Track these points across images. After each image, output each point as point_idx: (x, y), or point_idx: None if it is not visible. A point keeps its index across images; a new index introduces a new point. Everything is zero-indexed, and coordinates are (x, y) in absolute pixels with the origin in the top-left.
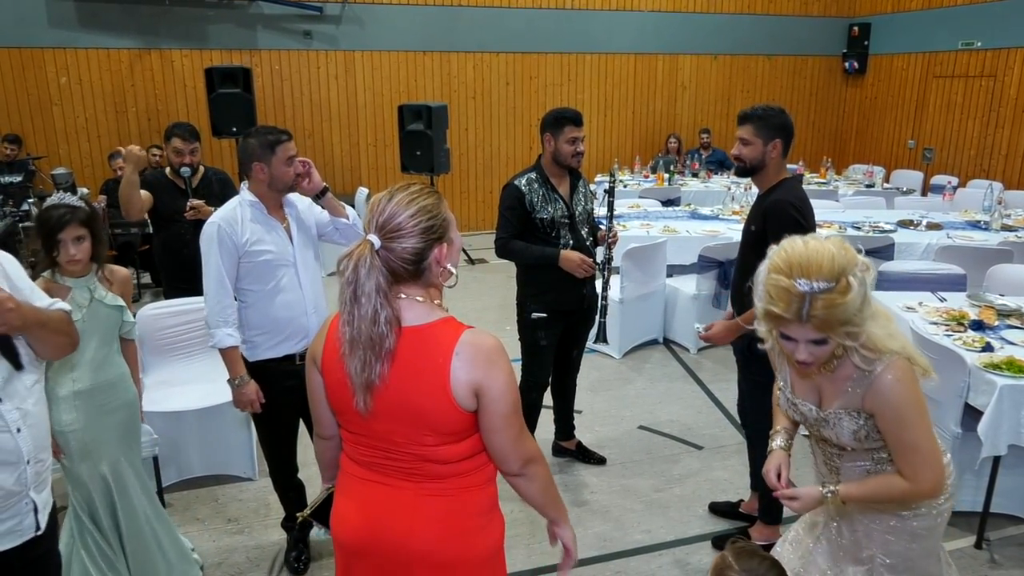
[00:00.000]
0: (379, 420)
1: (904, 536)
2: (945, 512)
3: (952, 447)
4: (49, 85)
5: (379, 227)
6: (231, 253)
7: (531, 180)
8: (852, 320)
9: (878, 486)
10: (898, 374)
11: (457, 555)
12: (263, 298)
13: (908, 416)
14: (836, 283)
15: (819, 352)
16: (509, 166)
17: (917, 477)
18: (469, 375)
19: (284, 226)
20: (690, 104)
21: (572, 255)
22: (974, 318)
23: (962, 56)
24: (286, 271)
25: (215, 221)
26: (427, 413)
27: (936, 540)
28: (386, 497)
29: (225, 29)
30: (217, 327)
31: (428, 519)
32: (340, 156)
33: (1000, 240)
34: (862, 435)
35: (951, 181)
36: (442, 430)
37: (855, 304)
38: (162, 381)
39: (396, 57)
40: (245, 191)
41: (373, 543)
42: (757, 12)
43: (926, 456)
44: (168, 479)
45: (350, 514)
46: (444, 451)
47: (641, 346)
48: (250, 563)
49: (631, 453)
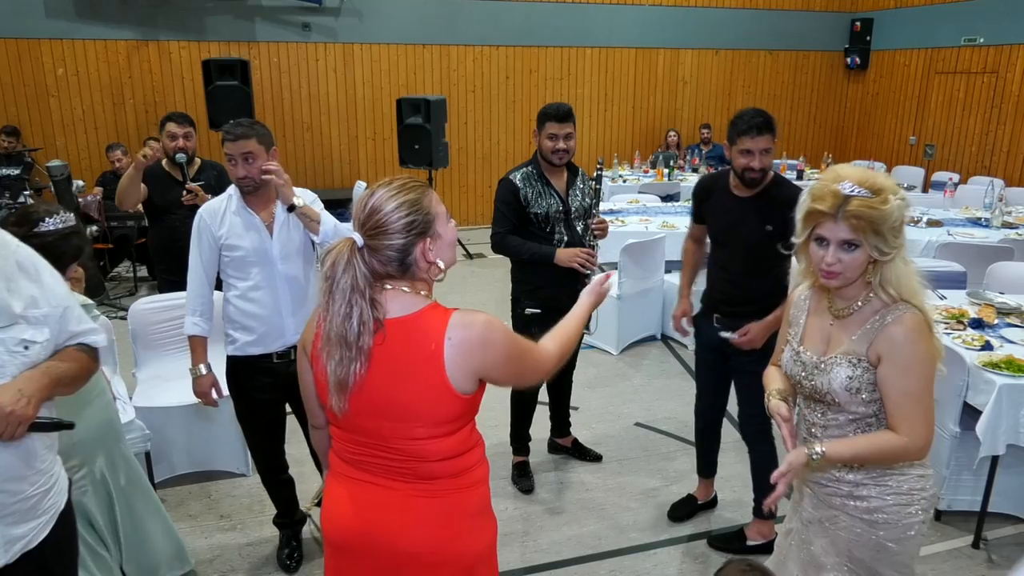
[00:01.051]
0: (366, 416)
1: (869, 546)
2: (916, 525)
3: (950, 446)
4: (46, 77)
5: (362, 224)
6: (210, 245)
7: (527, 175)
8: (884, 234)
9: (868, 443)
10: (915, 323)
11: (448, 556)
12: (239, 294)
13: (916, 366)
14: (876, 194)
15: (847, 260)
16: (508, 160)
17: (913, 431)
18: (467, 362)
19: (268, 223)
20: (691, 99)
21: (568, 251)
22: (974, 316)
23: (964, 52)
24: (262, 269)
25: (200, 211)
26: (419, 403)
27: (906, 557)
28: (377, 497)
29: (223, 21)
30: (188, 314)
31: (420, 520)
32: (338, 149)
33: (1001, 237)
34: (854, 387)
35: (952, 178)
36: (434, 420)
37: (890, 218)
38: (155, 376)
39: (395, 50)
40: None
41: (364, 542)
42: (759, 7)
43: (926, 411)
44: (161, 475)
45: (340, 512)
46: (434, 445)
47: (639, 342)
48: (243, 560)
49: (627, 450)
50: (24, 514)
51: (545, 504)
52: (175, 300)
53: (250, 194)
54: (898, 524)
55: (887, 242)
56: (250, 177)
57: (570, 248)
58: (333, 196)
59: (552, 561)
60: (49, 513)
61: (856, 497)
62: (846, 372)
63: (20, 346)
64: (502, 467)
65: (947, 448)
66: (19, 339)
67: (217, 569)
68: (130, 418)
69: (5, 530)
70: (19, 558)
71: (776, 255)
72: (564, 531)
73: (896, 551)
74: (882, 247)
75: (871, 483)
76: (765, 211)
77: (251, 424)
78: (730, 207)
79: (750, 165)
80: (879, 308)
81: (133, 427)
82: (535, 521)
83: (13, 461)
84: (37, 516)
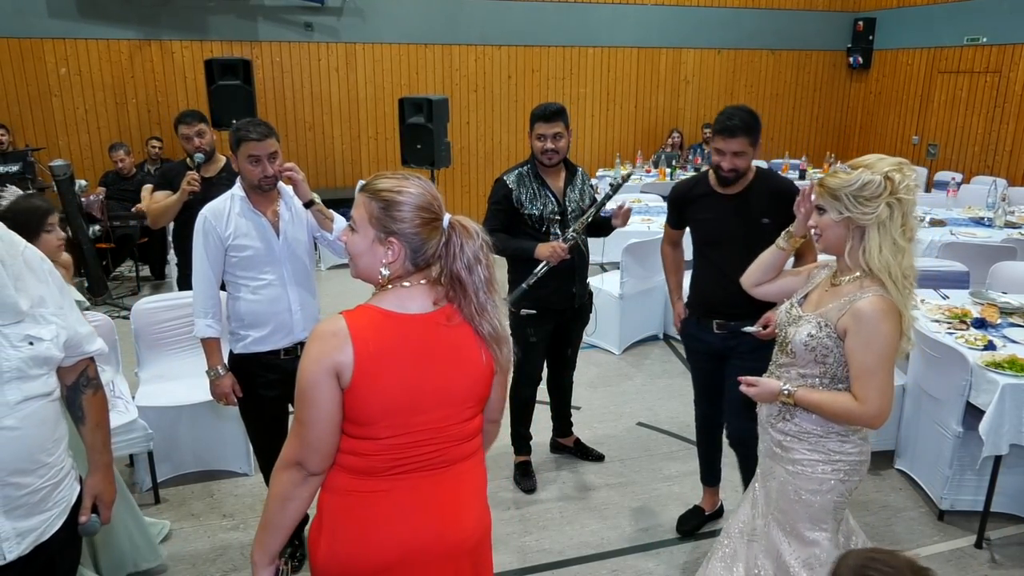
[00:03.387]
0: (433, 407)
1: (788, 496)
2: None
3: (953, 446)
4: (48, 76)
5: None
6: (216, 246)
7: (522, 175)
8: (841, 199)
9: (831, 398)
10: (883, 305)
11: (487, 528)
12: (248, 292)
13: (875, 343)
14: (854, 171)
15: (820, 221)
16: (510, 160)
17: (867, 399)
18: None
19: (273, 222)
20: (693, 99)
21: (545, 245)
22: (976, 316)
23: (967, 51)
24: (270, 267)
25: (204, 212)
26: (473, 384)
27: (821, 512)
28: (434, 495)
29: (226, 20)
30: (198, 317)
31: (469, 500)
32: (341, 149)
33: (1004, 237)
34: (812, 344)
35: (955, 177)
36: (481, 397)
37: (848, 185)
38: (157, 375)
39: (397, 50)
40: (237, 184)
41: (439, 544)
42: (761, 6)
43: (880, 384)
44: (163, 474)
45: (404, 530)
46: (473, 425)
47: (641, 342)
48: (245, 559)
49: (629, 450)
50: (33, 507)
51: (547, 504)
52: (177, 300)
53: (263, 193)
54: (812, 477)
55: (846, 206)
56: (275, 176)
57: (551, 243)
58: (335, 196)
59: (554, 561)
60: (60, 506)
61: (785, 448)
62: (810, 330)
63: (25, 342)
64: (504, 467)
65: (950, 448)
66: (24, 335)
67: (220, 568)
68: (132, 417)
69: (15, 523)
70: (33, 550)
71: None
72: (566, 531)
73: (810, 503)
74: (840, 209)
75: (794, 436)
76: (757, 205)
77: (256, 422)
78: (717, 206)
79: (720, 164)
80: (859, 288)
81: (135, 426)
82: (537, 521)
83: (18, 453)
84: (48, 509)
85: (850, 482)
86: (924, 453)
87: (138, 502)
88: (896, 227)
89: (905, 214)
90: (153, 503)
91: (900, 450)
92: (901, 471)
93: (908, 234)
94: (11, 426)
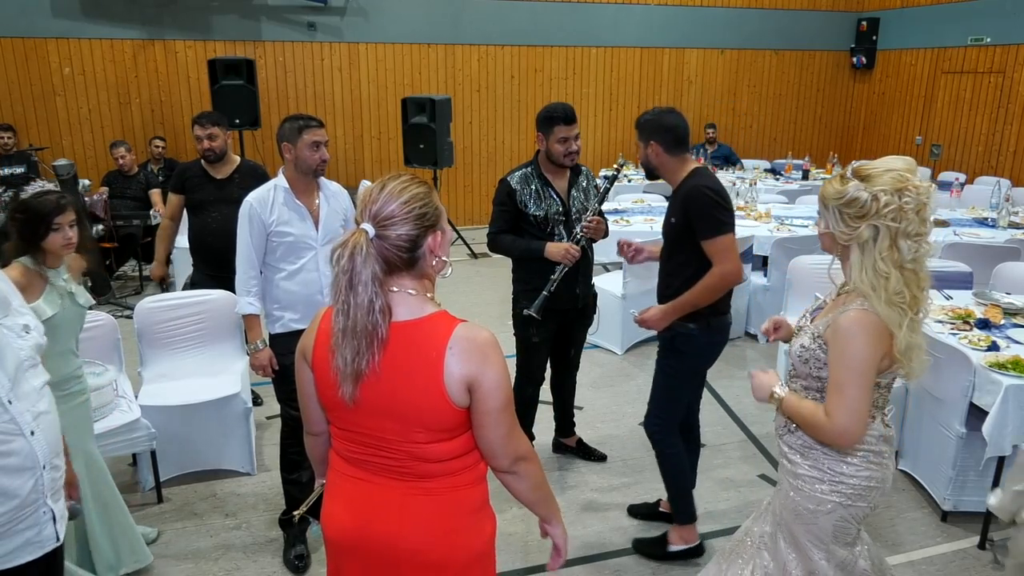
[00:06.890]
0: (368, 415)
1: (789, 508)
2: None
3: (956, 447)
4: (52, 76)
5: (373, 216)
6: (259, 231)
7: (525, 176)
8: (829, 209)
9: (807, 408)
10: (863, 321)
11: (445, 554)
12: (286, 275)
13: (846, 358)
14: (852, 181)
15: (820, 228)
16: (513, 160)
17: (833, 415)
18: (462, 369)
19: (313, 211)
20: (696, 99)
21: (556, 246)
22: (980, 316)
23: (971, 52)
24: (308, 253)
25: (249, 200)
26: (419, 409)
27: (820, 531)
28: (374, 496)
29: (229, 20)
30: (241, 295)
31: (417, 518)
32: (343, 149)
33: (1007, 237)
34: (805, 356)
35: (958, 178)
36: (434, 427)
37: (832, 197)
38: (160, 375)
39: (400, 49)
40: (280, 176)
41: (362, 542)
42: (764, 7)
43: (848, 402)
44: (166, 474)
45: (339, 513)
46: (435, 449)
47: (643, 342)
48: (248, 559)
49: (632, 450)
50: (60, 491)
51: None
52: (179, 299)
53: (306, 184)
54: (810, 495)
55: (834, 220)
56: (326, 161)
57: (560, 243)
58: None
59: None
60: (63, 494)
61: (790, 461)
62: (804, 342)
63: (23, 330)
64: None
65: (953, 449)
66: (21, 324)
67: (222, 568)
68: (135, 417)
69: (56, 505)
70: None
71: (687, 247)
72: (568, 531)
73: (809, 520)
74: (828, 221)
75: (797, 451)
76: (671, 205)
77: (291, 394)
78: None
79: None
80: (852, 299)
81: (138, 426)
82: (536, 522)
83: (56, 437)
84: (62, 495)
85: (855, 508)
86: (927, 454)
87: (141, 502)
88: (880, 251)
89: (894, 238)
90: (156, 502)
91: (903, 451)
92: (904, 472)
93: (896, 259)
94: (45, 410)
